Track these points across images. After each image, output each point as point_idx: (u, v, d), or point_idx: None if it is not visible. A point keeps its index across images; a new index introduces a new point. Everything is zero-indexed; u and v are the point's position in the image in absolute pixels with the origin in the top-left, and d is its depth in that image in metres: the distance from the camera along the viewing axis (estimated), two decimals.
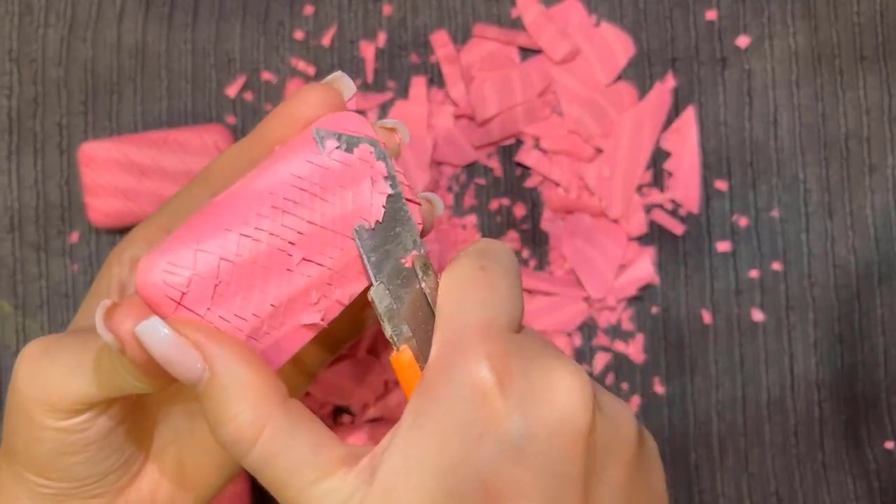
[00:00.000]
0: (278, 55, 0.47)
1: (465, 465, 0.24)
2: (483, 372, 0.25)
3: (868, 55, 0.47)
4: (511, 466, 0.24)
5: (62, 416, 0.28)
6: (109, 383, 0.27)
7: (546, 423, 0.25)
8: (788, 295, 0.47)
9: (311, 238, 0.27)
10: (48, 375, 0.27)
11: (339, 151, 0.27)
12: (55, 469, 0.29)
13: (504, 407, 0.24)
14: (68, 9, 0.47)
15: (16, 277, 0.47)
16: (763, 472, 0.46)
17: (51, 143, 0.47)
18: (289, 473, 0.25)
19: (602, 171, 0.46)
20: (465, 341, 0.25)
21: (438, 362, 0.25)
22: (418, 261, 0.27)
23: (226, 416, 0.25)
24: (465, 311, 0.26)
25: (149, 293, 0.25)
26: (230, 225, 0.26)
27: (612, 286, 0.46)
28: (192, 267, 0.25)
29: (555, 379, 0.25)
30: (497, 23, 0.48)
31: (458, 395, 0.25)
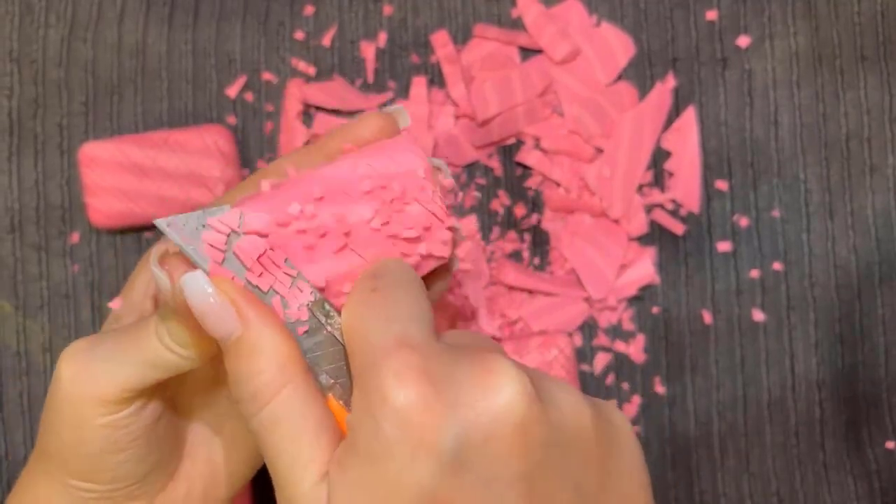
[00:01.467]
0: (279, 55, 0.47)
1: (407, 489, 0.24)
2: (398, 397, 0.24)
3: (869, 55, 0.47)
4: (453, 477, 0.24)
5: (110, 408, 0.29)
6: (155, 363, 0.28)
7: (480, 425, 0.24)
8: (789, 295, 0.47)
9: (357, 231, 0.28)
10: (95, 367, 0.29)
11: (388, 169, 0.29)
12: (102, 470, 0.30)
13: (431, 420, 0.24)
14: (69, 9, 0.47)
15: (16, 278, 0.47)
16: (764, 473, 0.46)
17: (51, 143, 0.47)
18: (289, 442, 0.26)
19: (603, 172, 0.46)
20: (376, 367, 0.24)
21: (359, 395, 0.25)
22: (316, 307, 0.28)
23: (250, 371, 0.26)
24: (369, 335, 0.26)
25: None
26: (282, 201, 0.27)
27: (612, 286, 0.46)
28: (243, 227, 0.27)
29: (483, 378, 0.24)
30: (497, 23, 0.48)
31: (381, 425, 0.24)
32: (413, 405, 0.24)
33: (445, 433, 0.24)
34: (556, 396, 0.26)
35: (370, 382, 0.24)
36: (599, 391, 0.47)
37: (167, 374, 0.29)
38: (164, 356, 0.28)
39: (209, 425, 0.33)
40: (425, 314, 0.26)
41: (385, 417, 0.24)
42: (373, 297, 0.26)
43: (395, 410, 0.24)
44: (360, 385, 0.25)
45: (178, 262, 0.27)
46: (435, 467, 0.24)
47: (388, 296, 0.26)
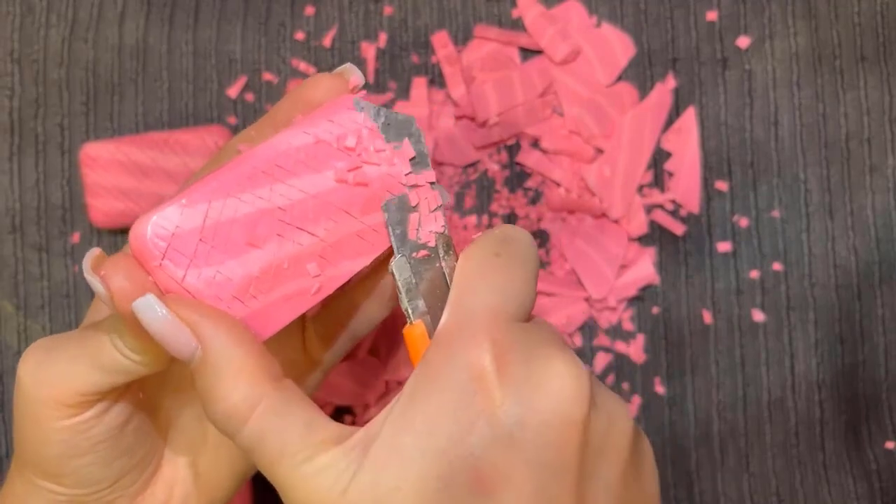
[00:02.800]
0: (279, 56, 0.48)
1: (457, 449, 0.24)
2: (483, 357, 0.25)
3: (868, 55, 0.47)
4: (502, 454, 0.24)
5: (69, 411, 0.28)
6: (112, 367, 0.27)
7: (539, 413, 0.25)
8: (789, 295, 0.47)
9: (303, 206, 0.27)
10: (52, 369, 0.28)
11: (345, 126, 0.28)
12: (66, 473, 0.29)
13: (499, 394, 0.25)
14: (69, 10, 0.47)
15: (17, 278, 0.47)
16: (764, 472, 0.46)
17: (52, 143, 0.47)
18: (280, 451, 0.25)
19: (603, 172, 0.46)
20: (471, 325, 0.25)
21: (441, 343, 0.26)
22: (441, 239, 0.28)
23: (218, 395, 0.25)
24: (476, 295, 0.26)
25: (137, 245, 0.25)
26: (221, 187, 0.26)
27: (612, 286, 0.46)
28: (178, 222, 0.25)
29: (553, 371, 0.25)
30: (498, 23, 0.48)
31: (455, 377, 0.25)
32: (490, 375, 0.25)
33: (508, 408, 0.24)
34: (608, 404, 0.27)
35: (459, 341, 0.25)
36: None
37: (124, 378, 0.28)
38: (119, 361, 0.27)
39: (191, 430, 0.32)
40: (531, 296, 0.27)
41: (460, 376, 0.25)
42: (494, 262, 0.27)
43: (473, 373, 0.25)
44: (447, 336, 0.26)
45: (115, 265, 0.25)
46: (490, 438, 0.24)
47: (507, 266, 0.27)
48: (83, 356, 0.28)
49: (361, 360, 0.45)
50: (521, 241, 0.28)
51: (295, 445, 0.25)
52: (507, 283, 0.26)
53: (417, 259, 0.28)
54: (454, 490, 0.24)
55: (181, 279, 0.25)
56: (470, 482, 0.24)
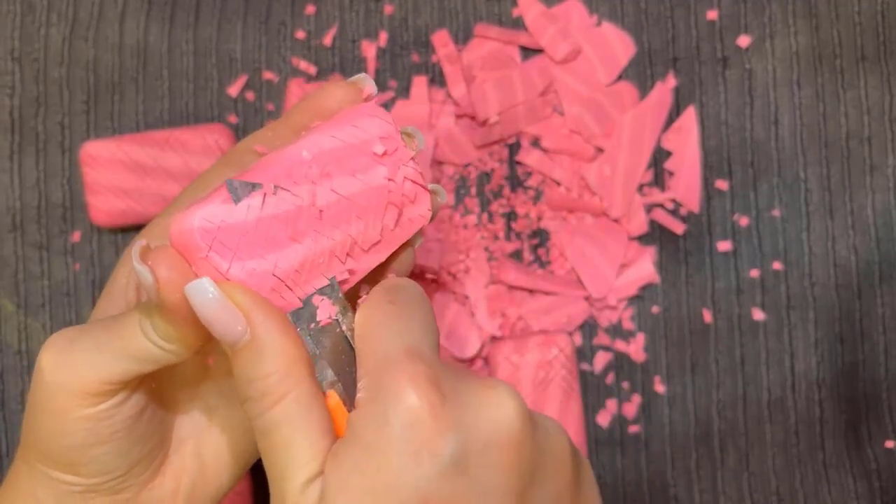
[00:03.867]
0: (280, 55, 0.48)
1: (404, 486, 0.25)
2: (412, 397, 0.25)
3: (869, 55, 0.47)
4: (450, 482, 0.25)
5: (91, 400, 0.28)
6: (140, 356, 0.28)
7: (480, 436, 0.25)
8: (789, 294, 0.47)
9: (336, 206, 0.28)
10: (77, 358, 0.28)
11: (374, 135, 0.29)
12: (83, 462, 0.29)
13: (437, 427, 0.25)
14: (70, 8, 0.47)
15: (18, 276, 0.47)
16: (764, 472, 0.46)
17: (53, 142, 0.47)
18: (290, 442, 0.26)
19: (603, 171, 0.46)
20: (390, 370, 0.26)
21: (368, 394, 0.26)
22: (336, 304, 0.28)
23: (258, 373, 0.26)
24: (384, 341, 0.27)
25: (182, 240, 0.26)
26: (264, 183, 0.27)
27: (612, 285, 0.46)
28: (223, 217, 0.26)
29: (485, 395, 0.26)
30: (498, 22, 0.48)
31: (390, 422, 0.25)
32: (423, 408, 0.25)
33: (449, 438, 0.25)
34: (544, 423, 0.28)
35: (383, 382, 0.26)
36: (600, 390, 0.47)
37: (151, 367, 0.28)
38: (148, 349, 0.28)
39: (197, 419, 0.33)
40: (434, 335, 0.28)
41: (395, 416, 0.25)
42: (390, 309, 0.27)
43: (406, 410, 0.25)
44: (369, 385, 0.26)
45: (161, 256, 0.27)
46: (435, 469, 0.25)
47: (404, 311, 0.27)
48: (110, 345, 0.28)
49: None
50: (408, 286, 0.29)
51: (305, 445, 0.26)
52: (410, 326, 0.27)
53: (317, 329, 0.28)
54: None
55: (226, 271, 0.27)
56: None
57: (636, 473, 0.47)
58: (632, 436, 0.47)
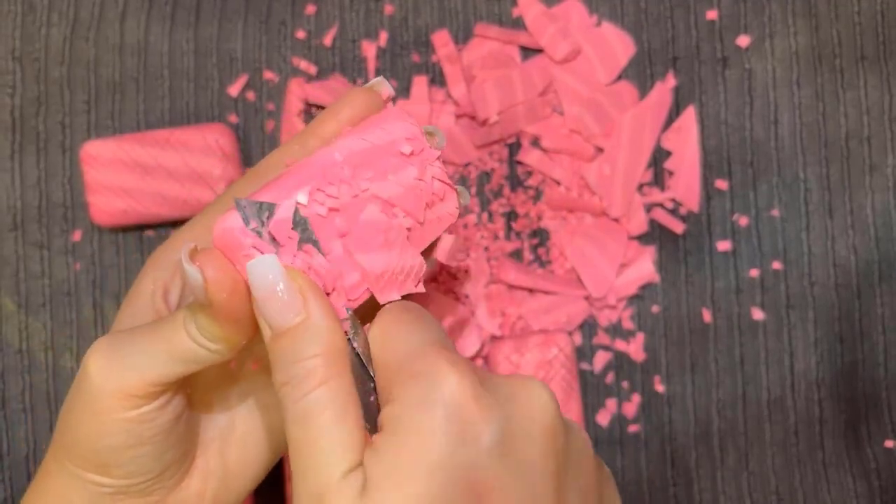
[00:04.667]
0: (280, 54, 0.48)
1: (452, 465, 0.25)
2: (455, 380, 0.26)
3: (869, 55, 0.47)
4: (492, 465, 0.26)
5: (136, 402, 0.29)
6: (186, 357, 0.29)
7: (519, 421, 0.26)
8: (789, 294, 0.47)
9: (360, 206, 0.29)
10: (123, 362, 0.29)
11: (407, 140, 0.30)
12: (120, 464, 0.30)
13: (479, 413, 0.26)
14: (71, 8, 0.48)
15: (19, 276, 0.47)
16: (763, 471, 0.46)
17: (54, 141, 0.47)
18: (329, 430, 0.26)
19: (603, 170, 0.47)
20: (426, 359, 0.26)
21: (402, 381, 0.27)
22: (347, 322, 0.29)
23: (306, 354, 0.27)
24: (410, 340, 0.27)
25: (224, 238, 0.27)
26: (297, 185, 0.28)
27: (612, 285, 0.46)
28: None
29: (519, 386, 0.27)
30: (498, 22, 0.48)
31: (433, 406, 0.26)
32: (465, 392, 0.26)
33: (492, 421, 0.26)
34: (570, 422, 0.29)
35: (421, 372, 0.26)
36: (599, 390, 0.47)
37: (195, 367, 0.29)
38: (193, 350, 0.28)
39: (221, 422, 0.34)
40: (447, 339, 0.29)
41: (437, 402, 0.26)
42: (407, 316, 0.28)
43: (450, 393, 0.26)
44: (403, 378, 0.27)
45: (208, 256, 0.27)
46: (479, 452, 0.26)
47: (420, 318, 0.28)
48: (156, 347, 0.29)
49: None
50: (415, 306, 0.30)
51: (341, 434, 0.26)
52: (430, 328, 0.28)
53: None
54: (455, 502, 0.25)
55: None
56: (465, 494, 0.25)
57: (636, 473, 0.47)
58: (631, 435, 0.47)
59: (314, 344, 0.27)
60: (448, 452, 0.25)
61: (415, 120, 0.31)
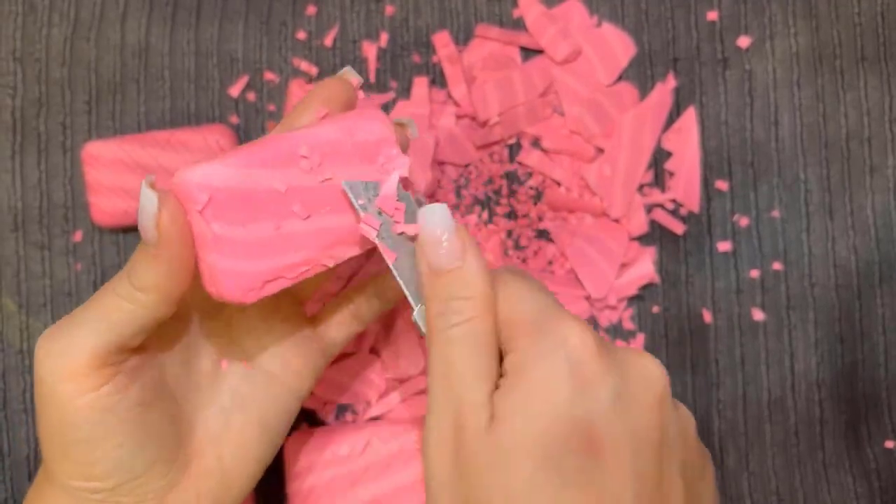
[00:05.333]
0: (281, 55, 0.48)
1: (572, 412, 0.27)
2: (582, 337, 0.28)
3: (869, 56, 0.47)
4: (608, 419, 0.27)
5: (88, 382, 0.29)
6: (115, 317, 0.29)
7: (633, 389, 0.28)
8: (789, 294, 0.47)
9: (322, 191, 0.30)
10: (61, 340, 0.29)
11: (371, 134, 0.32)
12: (96, 460, 0.30)
13: (600, 369, 0.28)
14: (72, 9, 0.48)
15: (19, 276, 0.47)
16: (763, 471, 0.46)
17: (54, 142, 0.47)
18: (476, 356, 0.29)
19: (603, 171, 0.47)
20: (556, 316, 0.29)
21: (529, 334, 0.29)
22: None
23: (462, 294, 0.29)
24: (538, 300, 0.30)
25: (181, 189, 0.28)
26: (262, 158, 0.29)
27: (613, 285, 0.46)
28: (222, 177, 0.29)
29: (636, 357, 0.29)
30: (499, 23, 0.48)
31: (562, 354, 0.28)
32: (588, 348, 0.28)
33: (610, 378, 0.28)
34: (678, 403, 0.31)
35: (548, 328, 0.29)
36: None
37: (130, 328, 0.29)
38: (123, 308, 0.29)
39: (215, 424, 0.34)
40: None
41: (562, 354, 0.28)
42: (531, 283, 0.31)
43: (574, 349, 0.28)
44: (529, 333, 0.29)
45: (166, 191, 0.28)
46: (599, 404, 0.28)
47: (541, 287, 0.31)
48: (86, 317, 0.29)
49: (362, 359, 0.46)
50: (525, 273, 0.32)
51: (488, 359, 0.29)
52: (549, 294, 0.31)
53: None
54: (571, 446, 0.27)
55: (213, 229, 0.28)
56: (582, 443, 0.27)
57: None
58: None
59: (468, 287, 0.29)
60: (569, 400, 0.27)
61: (390, 123, 0.32)
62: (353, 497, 0.42)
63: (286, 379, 0.35)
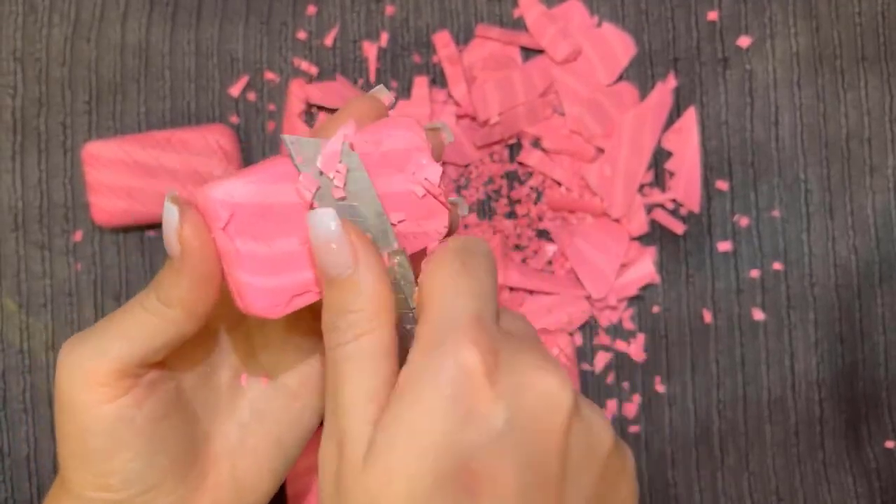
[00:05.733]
0: (281, 55, 0.48)
1: (450, 446, 0.25)
2: (472, 359, 0.26)
3: (869, 56, 0.47)
4: (491, 453, 0.25)
5: (106, 392, 0.29)
6: (140, 330, 0.29)
7: (528, 415, 0.26)
8: (789, 294, 0.47)
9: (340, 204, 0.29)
10: (85, 350, 0.29)
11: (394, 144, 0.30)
12: (112, 471, 0.29)
13: (490, 394, 0.25)
14: (72, 9, 0.48)
15: (20, 276, 0.47)
16: (764, 471, 0.46)
17: (55, 142, 0.47)
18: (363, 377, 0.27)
19: (604, 171, 0.47)
20: (455, 330, 0.26)
21: (425, 348, 0.27)
22: (393, 255, 0.29)
23: (353, 306, 0.27)
24: (453, 301, 0.27)
25: (206, 207, 0.28)
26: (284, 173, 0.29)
27: (613, 285, 0.46)
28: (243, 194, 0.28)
29: (539, 377, 0.27)
30: (499, 23, 0.48)
31: (443, 380, 0.26)
32: (480, 377, 0.26)
33: (501, 407, 0.25)
34: (590, 416, 0.28)
35: (444, 342, 0.26)
36: (600, 390, 0.47)
37: (154, 342, 0.29)
38: (149, 323, 0.29)
39: (232, 438, 0.33)
40: (496, 304, 0.29)
41: (450, 375, 0.26)
42: (462, 271, 0.28)
43: (464, 373, 0.26)
44: (429, 344, 0.27)
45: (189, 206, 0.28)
46: (483, 435, 0.25)
47: (476, 274, 0.28)
48: (112, 330, 0.29)
49: None
50: (482, 250, 0.29)
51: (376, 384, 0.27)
52: (479, 291, 0.28)
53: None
54: (446, 487, 0.25)
55: (236, 245, 0.28)
56: (460, 480, 0.25)
57: (636, 473, 0.47)
58: (632, 436, 0.47)
59: (361, 298, 0.27)
60: (448, 434, 0.25)
61: (423, 132, 0.30)
62: None
63: (305, 395, 0.35)
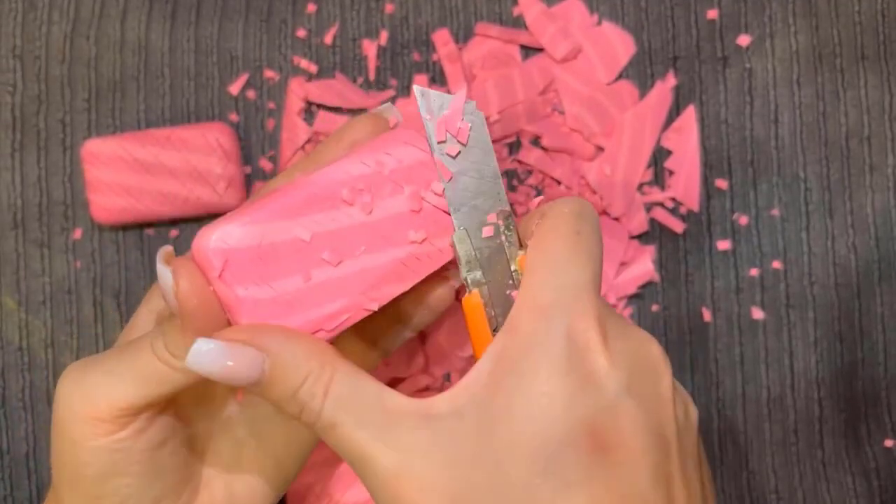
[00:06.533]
0: (281, 53, 0.48)
1: (571, 411, 0.25)
2: (590, 328, 0.26)
3: (869, 54, 0.47)
4: (613, 417, 0.26)
5: (105, 428, 0.28)
6: (150, 376, 0.28)
7: (641, 381, 0.27)
8: (788, 293, 0.47)
9: (355, 232, 0.28)
10: (89, 385, 0.28)
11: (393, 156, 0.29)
12: (106, 494, 0.29)
13: (606, 363, 0.26)
14: (72, 6, 0.48)
15: (19, 274, 0.47)
16: (763, 470, 0.46)
17: (54, 140, 0.47)
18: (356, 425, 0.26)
19: (603, 170, 0.47)
20: (572, 298, 0.27)
21: (537, 313, 0.26)
22: (501, 216, 0.29)
23: (296, 384, 0.26)
24: (569, 270, 0.27)
25: (199, 256, 0.27)
26: (282, 209, 0.28)
27: (612, 284, 0.46)
28: (239, 238, 0.27)
29: (645, 344, 0.28)
30: (499, 21, 0.48)
31: (558, 345, 0.26)
32: (596, 346, 0.26)
33: (615, 376, 0.26)
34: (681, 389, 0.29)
35: (559, 308, 0.26)
36: None
37: (159, 389, 0.28)
38: (159, 370, 0.28)
39: (227, 454, 0.33)
40: (601, 275, 0.29)
41: (567, 345, 0.26)
42: (577, 240, 0.28)
43: (582, 340, 0.26)
44: (540, 309, 0.27)
45: (182, 263, 0.27)
46: (601, 401, 0.26)
47: (588, 244, 0.28)
48: (121, 368, 0.28)
49: None
50: (594, 218, 0.29)
51: (374, 411, 0.26)
52: (591, 261, 0.28)
53: (478, 234, 0.29)
54: (572, 452, 0.25)
55: (236, 292, 0.27)
56: (587, 444, 0.25)
57: None
58: None
59: (298, 373, 0.26)
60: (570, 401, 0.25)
61: (425, 144, 0.30)
62: (352, 496, 0.42)
63: None
